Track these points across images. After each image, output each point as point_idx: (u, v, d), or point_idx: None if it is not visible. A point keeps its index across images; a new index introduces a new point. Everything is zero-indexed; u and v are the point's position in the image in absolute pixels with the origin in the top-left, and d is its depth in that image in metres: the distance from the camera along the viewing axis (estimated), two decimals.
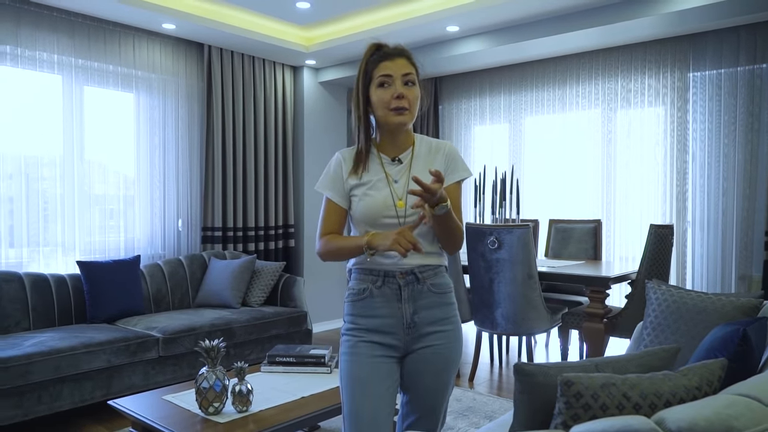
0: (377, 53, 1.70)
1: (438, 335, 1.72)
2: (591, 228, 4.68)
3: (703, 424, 1.01)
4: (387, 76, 1.66)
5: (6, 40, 3.80)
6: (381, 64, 1.67)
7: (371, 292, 1.70)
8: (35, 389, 2.97)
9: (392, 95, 1.65)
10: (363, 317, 1.70)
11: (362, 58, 1.72)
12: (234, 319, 3.88)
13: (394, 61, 1.67)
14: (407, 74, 1.68)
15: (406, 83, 1.67)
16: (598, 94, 4.87)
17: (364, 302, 1.71)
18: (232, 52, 5.01)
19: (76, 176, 4.16)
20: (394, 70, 1.66)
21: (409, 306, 1.69)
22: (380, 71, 1.66)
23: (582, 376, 1.20)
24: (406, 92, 1.66)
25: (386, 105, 1.66)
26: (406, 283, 1.69)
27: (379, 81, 1.66)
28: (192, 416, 2.28)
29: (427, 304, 1.71)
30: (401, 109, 1.66)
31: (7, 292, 3.48)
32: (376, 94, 1.67)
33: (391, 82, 1.66)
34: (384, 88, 1.66)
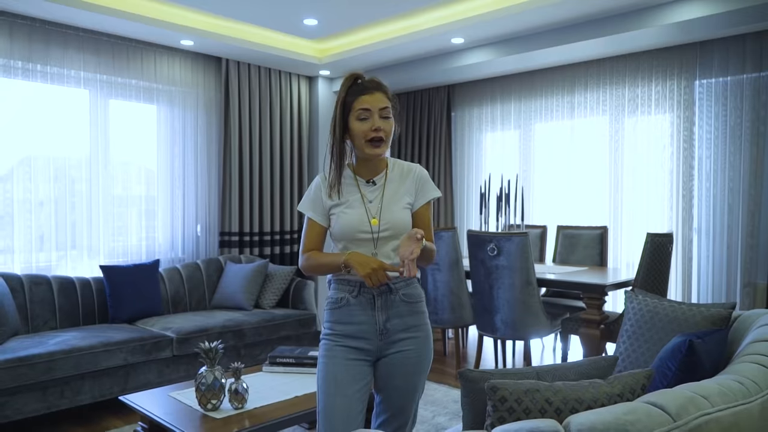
0: (356, 86, 1.84)
1: (408, 341, 1.87)
2: (597, 234, 4.73)
3: (600, 428, 1.13)
4: (365, 110, 1.80)
5: (37, 58, 4.09)
6: (360, 97, 1.81)
7: (348, 300, 1.86)
8: (58, 384, 3.22)
9: (370, 128, 1.80)
10: (340, 324, 1.86)
11: (340, 89, 1.87)
12: (245, 320, 4.09)
13: (372, 95, 1.81)
14: (384, 108, 1.82)
15: (383, 117, 1.82)
16: (606, 101, 4.92)
17: (341, 310, 1.87)
18: (248, 65, 5.23)
19: (101, 185, 4.44)
20: (372, 104, 1.81)
21: (382, 314, 1.84)
22: (359, 104, 1.81)
23: (508, 382, 1.32)
24: (382, 125, 1.81)
25: (364, 136, 1.81)
26: (380, 293, 1.84)
27: (357, 114, 1.81)
28: (192, 412, 2.48)
29: (398, 312, 1.86)
30: (378, 140, 1.82)
31: (37, 293, 3.75)
32: (355, 126, 1.82)
33: (369, 116, 1.81)
34: (362, 121, 1.81)
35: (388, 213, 1.85)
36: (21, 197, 4.08)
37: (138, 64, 4.61)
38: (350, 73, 1.87)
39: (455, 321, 4.26)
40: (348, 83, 1.85)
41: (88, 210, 4.38)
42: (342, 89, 1.85)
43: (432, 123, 6.08)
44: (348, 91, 1.84)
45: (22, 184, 4.09)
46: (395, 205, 1.87)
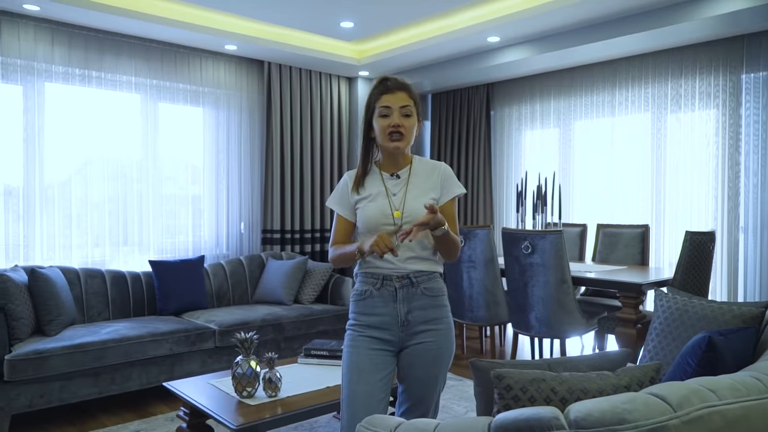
0: (380, 86, 1.95)
1: (429, 333, 1.93)
2: (639, 233, 4.65)
3: (596, 415, 1.16)
4: (387, 108, 1.90)
5: (93, 65, 4.36)
6: (382, 97, 1.92)
7: (371, 293, 1.94)
8: (109, 371, 3.43)
9: (389, 124, 1.90)
10: (364, 315, 1.95)
11: (369, 92, 1.98)
12: (284, 315, 4.23)
13: (394, 95, 1.91)
14: (404, 106, 1.91)
15: (404, 115, 1.91)
16: (648, 97, 4.82)
17: (365, 302, 1.95)
18: (289, 67, 5.39)
19: (151, 184, 4.68)
20: (393, 102, 1.90)
21: (403, 306, 1.91)
22: (381, 103, 1.92)
23: (513, 371, 1.37)
24: (402, 122, 1.90)
25: (384, 132, 1.91)
26: (402, 286, 1.91)
27: (380, 112, 1.92)
28: (228, 399, 2.61)
29: (420, 305, 1.93)
30: (397, 134, 1.90)
31: (92, 286, 4.00)
32: (377, 123, 1.93)
33: (390, 113, 1.90)
34: (383, 117, 1.91)
35: (411, 205, 1.92)
36: (79, 198, 4.35)
37: (185, 68, 4.83)
38: (379, 77, 1.99)
39: (491, 318, 4.28)
40: (375, 86, 1.97)
41: (140, 209, 4.63)
42: (370, 91, 1.98)
43: (471, 122, 6.09)
44: (373, 92, 1.96)
45: (81, 186, 4.36)
46: (419, 198, 1.94)
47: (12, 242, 4.07)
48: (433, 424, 1.32)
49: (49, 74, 4.19)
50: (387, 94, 1.91)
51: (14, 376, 3.08)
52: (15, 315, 3.28)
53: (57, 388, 3.25)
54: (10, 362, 3.08)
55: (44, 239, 4.19)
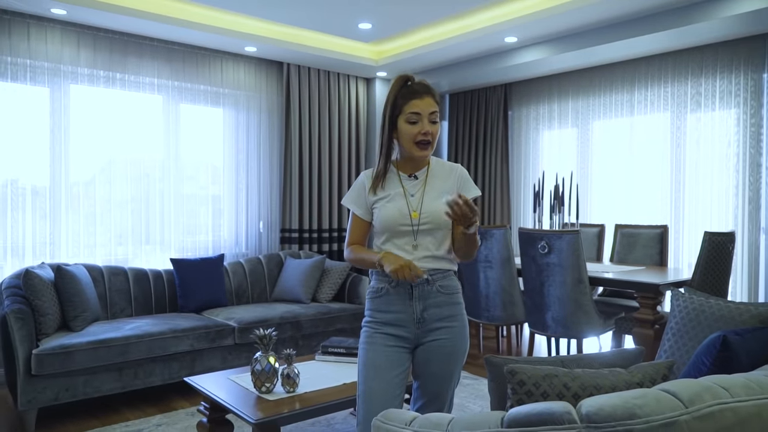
0: (406, 88, 1.93)
1: (444, 330, 1.95)
2: (657, 233, 4.62)
3: (608, 410, 1.18)
4: (416, 114, 1.90)
5: (116, 68, 4.46)
6: (411, 101, 1.90)
7: (387, 290, 1.97)
8: (132, 366, 3.52)
9: (419, 131, 1.90)
10: (380, 312, 1.98)
11: (391, 89, 1.96)
12: (302, 313, 4.29)
13: (423, 100, 1.90)
14: (433, 112, 1.91)
15: (432, 121, 1.92)
16: (668, 97, 4.79)
17: (381, 299, 1.98)
18: (308, 68, 5.45)
19: (172, 183, 4.77)
20: (423, 108, 1.90)
21: (419, 304, 1.94)
22: (410, 108, 1.90)
23: (526, 367, 1.39)
24: (431, 129, 1.91)
25: (413, 139, 1.91)
26: (418, 283, 1.94)
27: (408, 117, 1.90)
28: (248, 394, 2.66)
29: (435, 303, 1.95)
30: (425, 143, 1.92)
31: (115, 283, 4.10)
32: (404, 128, 1.92)
33: (419, 120, 1.90)
34: (412, 124, 1.90)
35: (428, 206, 1.94)
36: (103, 197, 4.46)
37: (206, 70, 4.92)
38: (400, 75, 1.96)
39: (507, 318, 4.29)
40: (399, 85, 1.94)
41: (161, 208, 4.72)
42: (392, 90, 1.94)
43: (489, 122, 6.09)
44: (399, 93, 1.93)
45: (104, 186, 4.47)
46: (436, 199, 1.95)
47: (39, 240, 4.18)
48: (447, 418, 1.35)
49: (74, 76, 4.30)
50: (416, 99, 1.89)
51: (41, 370, 3.18)
52: (42, 311, 3.38)
53: (82, 383, 3.34)
54: (38, 357, 3.18)
55: (69, 237, 4.30)
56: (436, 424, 1.35)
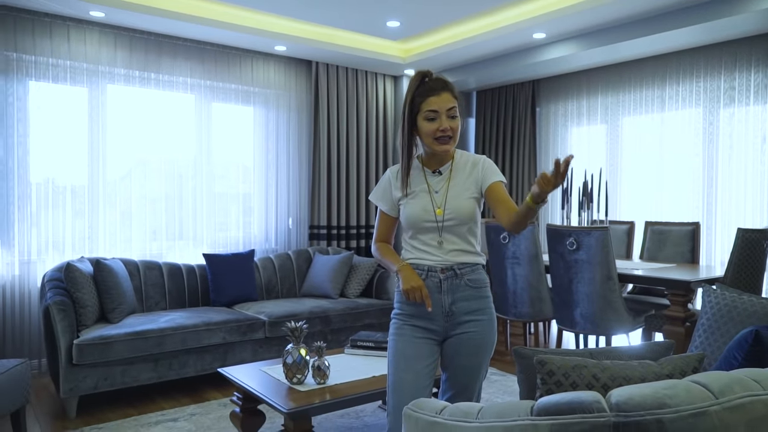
0: (423, 85, 1.94)
1: (472, 323, 1.98)
2: (689, 231, 4.56)
3: (637, 399, 1.20)
4: (433, 111, 1.91)
5: (151, 68, 4.58)
6: (428, 99, 1.91)
7: None
8: (167, 357, 3.62)
9: (438, 128, 1.91)
10: (409, 305, 2.01)
11: (409, 87, 1.99)
12: (331, 308, 4.35)
13: (439, 96, 1.91)
14: (450, 108, 1.92)
15: (450, 117, 1.93)
16: (699, 92, 4.72)
17: None
18: (336, 67, 5.52)
19: (204, 180, 4.88)
20: (440, 105, 1.91)
21: (447, 297, 1.97)
22: (427, 106, 1.91)
23: (555, 357, 1.42)
24: (450, 124, 1.92)
25: (432, 135, 1.93)
26: (446, 277, 1.97)
27: (425, 114, 1.92)
28: (279, 384, 2.73)
29: (463, 296, 1.98)
30: (446, 138, 1.93)
31: (150, 277, 4.22)
32: (423, 125, 1.93)
33: (437, 117, 1.91)
34: (431, 121, 1.92)
35: (452, 203, 1.97)
36: (138, 195, 4.59)
37: (237, 69, 5.02)
38: (417, 72, 1.97)
39: (535, 315, 4.28)
40: (416, 82, 1.95)
41: (194, 206, 4.84)
42: (410, 88, 1.96)
43: (516, 119, 6.07)
44: (416, 91, 1.94)
45: (139, 184, 4.60)
46: (460, 195, 1.98)
47: (78, 235, 4.33)
48: (477, 406, 1.39)
49: (111, 76, 4.43)
50: (433, 96, 1.91)
51: (82, 359, 3.30)
52: (82, 303, 3.51)
53: (119, 372, 3.46)
54: (78, 346, 3.30)
55: (106, 233, 4.44)
56: (465, 413, 1.39)
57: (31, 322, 4.13)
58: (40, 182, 4.20)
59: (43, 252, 4.19)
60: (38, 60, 4.13)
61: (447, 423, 1.40)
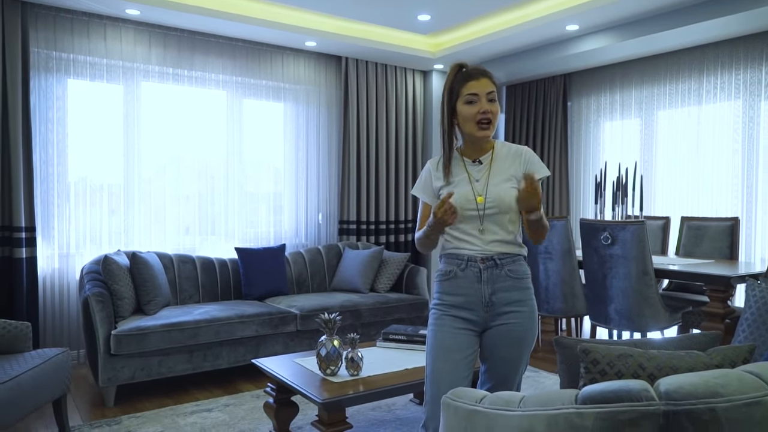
0: (461, 73, 1.97)
1: (513, 315, 1.96)
2: (727, 226, 4.44)
3: (688, 388, 1.17)
4: (473, 95, 1.92)
5: (184, 65, 4.65)
6: (467, 83, 1.93)
7: (456, 273, 1.99)
8: (201, 349, 3.68)
9: (478, 110, 1.92)
10: (448, 294, 2.00)
11: (447, 78, 2.00)
12: (361, 302, 4.36)
13: (479, 81, 1.93)
14: (490, 92, 1.93)
15: (490, 100, 1.94)
16: (739, 84, 4.59)
17: (450, 282, 2.00)
18: (366, 62, 5.52)
19: (236, 176, 4.94)
20: (480, 89, 1.92)
21: (487, 287, 1.95)
22: (467, 90, 1.93)
23: (600, 346, 1.39)
24: (490, 107, 1.93)
25: (473, 119, 1.93)
26: (486, 267, 1.95)
27: (466, 99, 1.93)
28: (313, 376, 2.75)
29: (504, 287, 1.96)
30: (486, 122, 1.93)
31: (183, 271, 4.29)
32: (463, 110, 1.94)
33: (477, 100, 1.92)
34: (470, 104, 1.93)
35: (494, 191, 1.95)
36: (171, 194, 4.67)
37: (268, 65, 5.06)
38: (455, 63, 2.00)
39: (567, 310, 4.23)
40: (454, 72, 1.98)
41: (225, 203, 4.90)
42: (448, 78, 1.98)
43: (547, 113, 6.00)
44: (455, 78, 1.96)
45: (172, 182, 4.68)
46: (501, 183, 1.96)
47: (114, 230, 4.42)
48: (518, 395, 1.37)
49: (146, 74, 4.51)
50: (472, 81, 1.92)
51: (119, 350, 3.37)
52: (119, 294, 3.58)
53: (156, 363, 3.52)
54: (116, 337, 3.37)
55: (141, 227, 4.52)
56: (507, 402, 1.37)
57: (70, 313, 4.23)
58: (77, 181, 4.29)
59: (81, 246, 4.29)
60: (77, 58, 4.23)
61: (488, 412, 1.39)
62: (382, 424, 3.14)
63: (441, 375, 1.93)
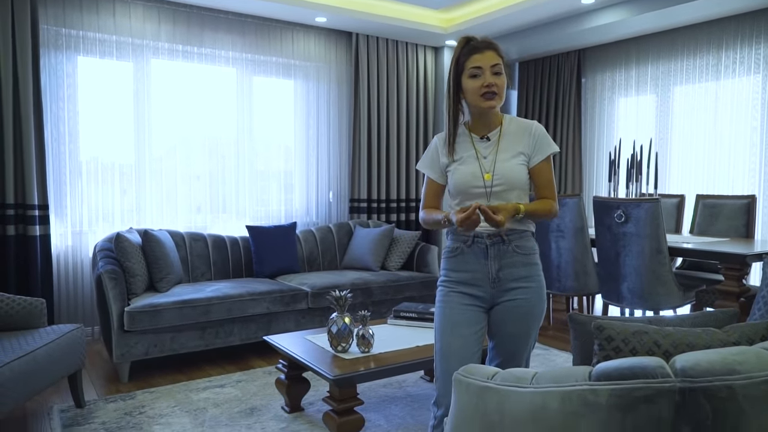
0: (468, 46, 1.93)
1: (521, 290, 1.94)
2: (743, 204, 4.37)
3: (705, 366, 1.15)
4: (477, 68, 1.89)
5: (194, 41, 4.61)
6: (472, 56, 1.90)
7: (462, 250, 1.97)
8: (213, 326, 3.71)
9: (482, 84, 1.88)
10: (455, 271, 1.99)
11: (454, 51, 1.96)
12: (372, 280, 4.36)
13: (483, 54, 1.89)
14: (495, 65, 1.89)
15: (494, 73, 1.90)
16: (759, 58, 4.48)
17: (457, 258, 1.99)
18: (377, 38, 5.45)
19: (247, 154, 4.92)
20: (484, 62, 1.88)
21: (494, 263, 1.94)
22: (471, 63, 1.89)
23: (615, 323, 1.37)
24: (495, 81, 1.89)
25: (477, 92, 1.90)
26: (493, 243, 1.93)
27: (470, 72, 1.90)
28: (325, 353, 2.76)
29: (511, 263, 1.94)
30: (491, 93, 1.89)
31: (195, 249, 4.30)
32: (468, 83, 1.91)
33: (481, 73, 1.89)
34: (474, 78, 1.90)
35: (501, 168, 1.92)
36: (182, 173, 4.67)
37: (277, 42, 5.01)
38: (462, 36, 1.96)
39: (579, 289, 4.20)
40: (461, 45, 1.94)
41: (236, 182, 4.89)
42: (455, 50, 1.94)
43: (561, 90, 5.90)
44: (461, 52, 1.92)
45: (183, 162, 4.67)
46: (509, 160, 1.93)
47: (126, 208, 4.44)
48: (530, 372, 1.36)
49: (155, 51, 4.48)
50: (476, 54, 1.89)
51: (133, 326, 3.40)
52: (132, 272, 3.60)
53: (168, 339, 3.56)
54: (130, 314, 3.40)
55: (153, 205, 4.54)
56: (519, 378, 1.36)
57: (84, 290, 4.28)
58: (89, 160, 4.30)
59: (94, 224, 4.32)
60: (86, 35, 4.20)
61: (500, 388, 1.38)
62: (393, 400, 3.15)
63: (451, 350, 1.92)
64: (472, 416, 1.42)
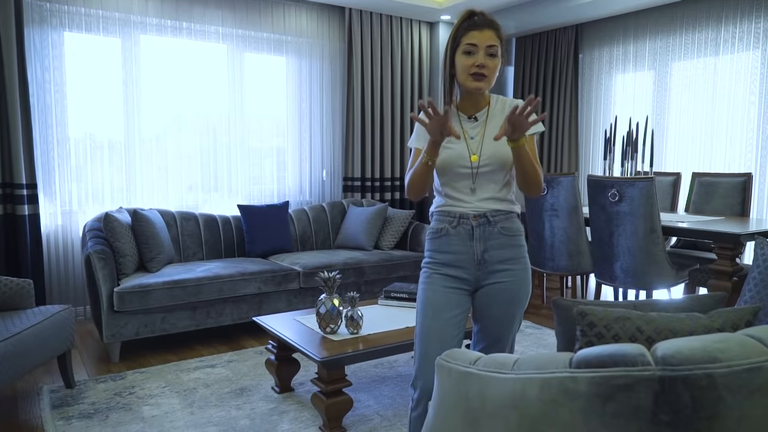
0: (468, 21, 1.86)
1: (505, 273, 1.91)
2: (740, 182, 4.33)
3: (686, 353, 1.12)
4: (472, 45, 1.82)
5: (182, 17, 4.52)
6: (469, 33, 1.83)
7: (447, 231, 1.93)
8: (204, 306, 3.69)
9: (474, 63, 1.82)
10: (439, 252, 1.95)
11: (455, 24, 1.89)
12: (365, 259, 4.34)
13: (482, 32, 1.82)
14: (491, 46, 1.83)
15: (489, 54, 1.83)
16: (759, 33, 4.39)
17: (441, 240, 1.95)
18: (371, 13, 5.34)
19: (239, 132, 4.86)
20: (480, 40, 1.82)
21: (480, 244, 1.90)
22: (468, 39, 1.83)
23: (597, 308, 1.35)
24: (487, 62, 1.82)
25: (467, 71, 1.84)
26: (479, 224, 1.90)
27: (464, 48, 1.83)
28: (313, 334, 2.74)
29: (496, 244, 1.90)
30: (480, 75, 1.83)
31: (186, 228, 4.27)
32: (460, 60, 1.85)
33: (476, 51, 1.82)
34: (468, 55, 1.83)
35: (488, 148, 1.88)
36: (173, 150, 4.61)
37: (269, 17, 4.91)
38: (466, 9, 1.89)
39: (573, 268, 4.19)
40: (462, 18, 1.87)
41: (228, 160, 4.84)
42: (456, 23, 1.88)
43: (558, 66, 5.81)
44: (460, 26, 1.86)
45: (174, 139, 4.61)
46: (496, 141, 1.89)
47: (116, 187, 4.39)
48: (512, 358, 1.33)
49: (143, 26, 4.39)
50: (474, 31, 1.83)
51: (122, 306, 3.39)
52: (121, 252, 3.58)
53: (159, 320, 3.54)
54: (119, 294, 3.38)
55: (144, 185, 4.49)
56: (501, 364, 1.34)
57: (75, 270, 4.26)
58: (78, 137, 4.24)
59: (84, 203, 4.28)
60: (71, 10, 4.11)
61: (481, 374, 1.36)
62: (383, 380, 3.16)
63: (430, 334, 1.90)
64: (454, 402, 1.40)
